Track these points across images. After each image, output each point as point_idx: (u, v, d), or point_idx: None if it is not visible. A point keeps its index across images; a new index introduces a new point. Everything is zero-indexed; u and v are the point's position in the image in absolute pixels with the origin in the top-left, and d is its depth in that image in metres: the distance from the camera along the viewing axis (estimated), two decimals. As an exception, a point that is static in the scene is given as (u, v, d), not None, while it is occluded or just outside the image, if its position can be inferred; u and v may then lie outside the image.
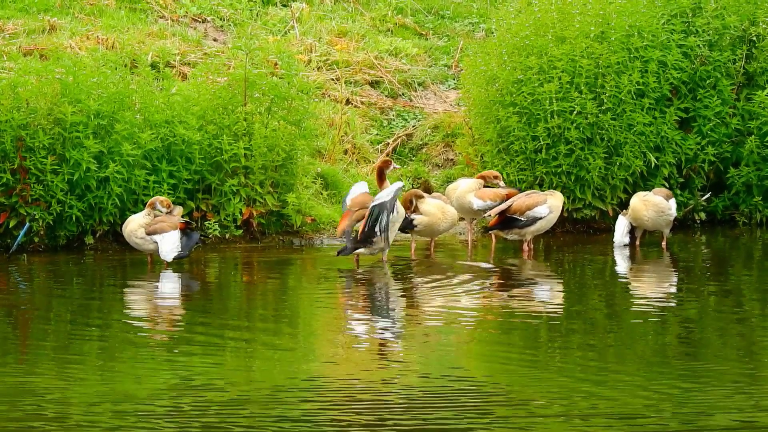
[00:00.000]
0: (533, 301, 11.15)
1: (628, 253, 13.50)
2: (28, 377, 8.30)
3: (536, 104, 14.49)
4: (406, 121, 16.55)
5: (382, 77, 17.14)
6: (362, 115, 16.44)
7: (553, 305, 10.92)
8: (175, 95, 14.10)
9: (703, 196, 15.04)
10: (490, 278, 12.20)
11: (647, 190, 14.13)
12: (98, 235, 13.72)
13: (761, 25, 14.97)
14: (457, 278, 12.07)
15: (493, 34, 16.03)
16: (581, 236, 14.68)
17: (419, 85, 17.23)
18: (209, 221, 13.96)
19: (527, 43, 14.66)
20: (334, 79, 16.86)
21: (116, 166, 13.34)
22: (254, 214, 14.07)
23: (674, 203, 13.71)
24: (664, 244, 13.77)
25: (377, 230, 12.52)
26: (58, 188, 13.27)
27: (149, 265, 12.92)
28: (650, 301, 11.07)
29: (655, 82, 14.61)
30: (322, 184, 15.17)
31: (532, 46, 14.65)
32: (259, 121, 14.11)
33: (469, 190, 13.69)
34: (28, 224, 13.33)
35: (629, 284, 12.18)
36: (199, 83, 14.38)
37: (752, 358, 8.81)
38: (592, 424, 7.15)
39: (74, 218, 13.40)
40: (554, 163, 14.51)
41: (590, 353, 8.88)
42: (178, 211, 13.01)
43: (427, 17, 18.85)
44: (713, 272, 12.70)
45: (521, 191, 13.74)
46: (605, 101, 14.47)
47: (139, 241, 12.78)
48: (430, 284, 11.86)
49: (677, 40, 14.81)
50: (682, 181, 15.00)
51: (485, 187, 13.77)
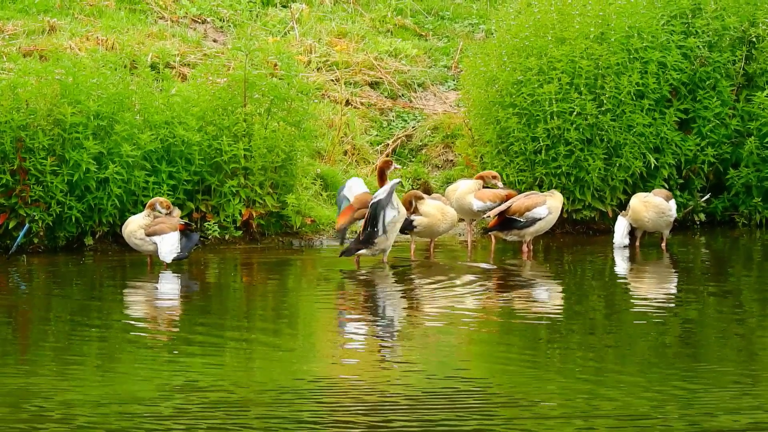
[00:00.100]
0: (533, 302, 11.15)
1: (627, 254, 13.50)
2: (30, 379, 8.29)
3: (536, 105, 14.49)
4: (405, 122, 16.55)
5: (381, 78, 17.13)
6: (362, 116, 16.43)
7: (553, 306, 10.92)
8: (174, 96, 14.09)
9: (702, 197, 15.04)
10: (490, 279, 12.19)
11: (647, 191, 14.13)
12: (98, 236, 13.71)
13: (761, 26, 14.96)
14: (457, 279, 12.07)
15: (492, 35, 16.03)
16: (581, 237, 14.67)
17: (419, 86, 17.23)
18: (209, 222, 13.95)
19: (527, 44, 14.66)
20: (333, 80, 16.85)
21: (116, 167, 13.33)
22: (254, 215, 14.06)
23: (674, 204, 13.72)
24: (663, 245, 13.77)
25: (378, 229, 12.52)
26: (57, 189, 13.26)
27: (149, 266, 12.91)
28: (650, 301, 11.07)
29: (654, 83, 14.61)
30: (321, 185, 15.16)
31: (531, 47, 14.65)
32: (258, 122, 14.10)
33: (468, 191, 13.69)
34: (27, 225, 13.31)
35: (629, 285, 12.18)
36: (198, 84, 14.37)
37: (753, 359, 8.81)
38: (596, 425, 7.15)
39: (74, 219, 13.39)
40: (554, 164, 14.51)
41: (590, 354, 8.88)
42: (177, 212, 13.01)
43: (426, 18, 18.85)
44: (713, 273, 12.70)
45: (520, 192, 13.75)
46: (605, 102, 14.47)
47: (138, 242, 12.77)
48: (430, 285, 11.86)
49: (677, 41, 14.81)
50: (681, 182, 15.00)
51: (484, 187, 13.77)
